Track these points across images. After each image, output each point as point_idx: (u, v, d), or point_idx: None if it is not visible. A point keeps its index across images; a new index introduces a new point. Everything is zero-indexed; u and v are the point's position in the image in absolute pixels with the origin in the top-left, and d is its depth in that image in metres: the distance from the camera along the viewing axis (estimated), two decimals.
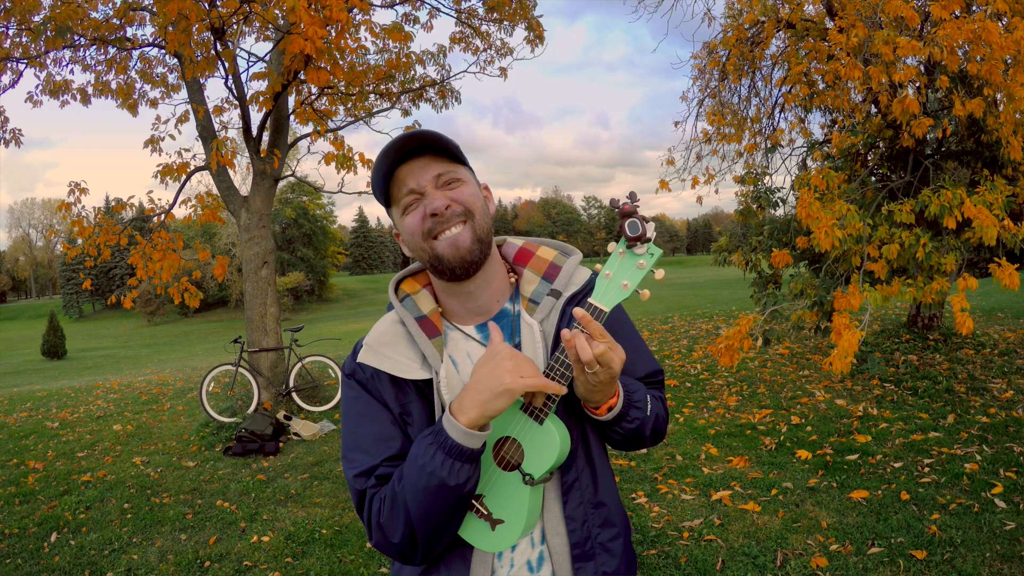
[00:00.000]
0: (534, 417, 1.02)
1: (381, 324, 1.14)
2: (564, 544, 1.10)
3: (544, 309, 1.12)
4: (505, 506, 1.05)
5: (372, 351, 1.10)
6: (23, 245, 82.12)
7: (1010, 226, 4.36)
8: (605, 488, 1.15)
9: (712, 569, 3.05)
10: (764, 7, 6.73)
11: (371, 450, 1.08)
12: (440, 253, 1.06)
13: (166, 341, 32.82)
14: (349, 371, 1.15)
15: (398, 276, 1.22)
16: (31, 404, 8.89)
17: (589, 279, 1.15)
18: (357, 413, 1.12)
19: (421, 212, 1.06)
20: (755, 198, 6.68)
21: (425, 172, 1.06)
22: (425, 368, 1.08)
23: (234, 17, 5.58)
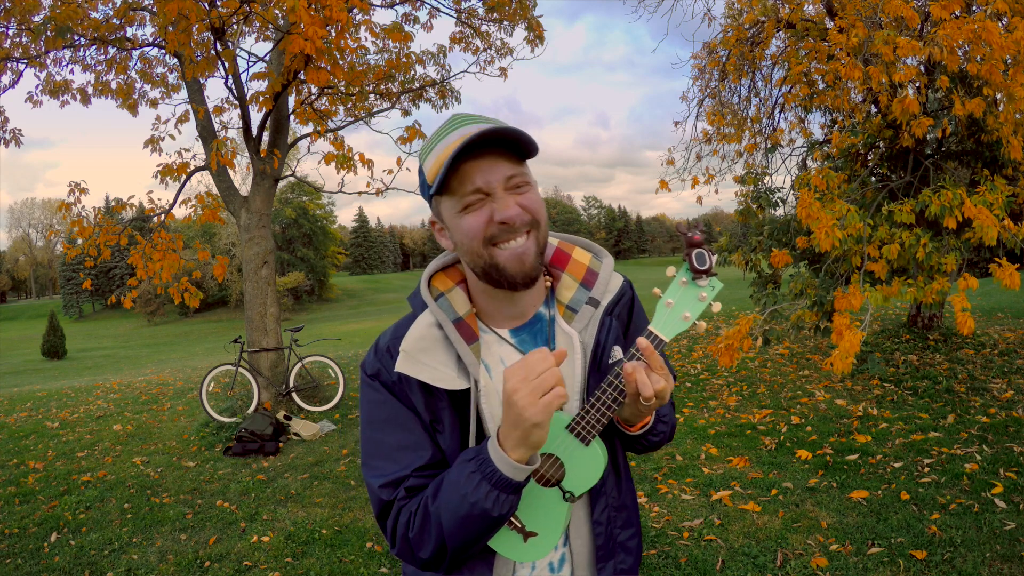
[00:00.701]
0: (580, 438, 1.01)
1: (417, 328, 1.06)
2: (587, 546, 1.11)
3: (583, 318, 1.09)
4: (541, 520, 1.04)
5: (410, 359, 1.03)
6: (23, 245, 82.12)
7: (1010, 226, 4.36)
8: (627, 490, 1.17)
9: (712, 569, 3.05)
10: (764, 7, 6.73)
11: (400, 459, 1.04)
12: (501, 264, 0.99)
13: (166, 341, 32.82)
14: (373, 372, 1.08)
15: (430, 271, 1.14)
16: (31, 404, 8.89)
17: (622, 286, 1.13)
18: (383, 419, 1.06)
19: (486, 216, 0.98)
20: (755, 198, 6.68)
21: (495, 171, 0.97)
22: (463, 377, 1.03)
23: (234, 17, 5.58)
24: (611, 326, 1.09)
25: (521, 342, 1.08)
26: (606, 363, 1.07)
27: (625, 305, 1.14)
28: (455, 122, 1.00)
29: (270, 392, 6.68)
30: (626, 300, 1.14)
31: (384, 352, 1.08)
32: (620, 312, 1.13)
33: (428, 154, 1.01)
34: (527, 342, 1.09)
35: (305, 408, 6.69)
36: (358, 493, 4.45)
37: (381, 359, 1.08)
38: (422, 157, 1.03)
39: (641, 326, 1.16)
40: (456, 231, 1.02)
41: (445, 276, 1.13)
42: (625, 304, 1.14)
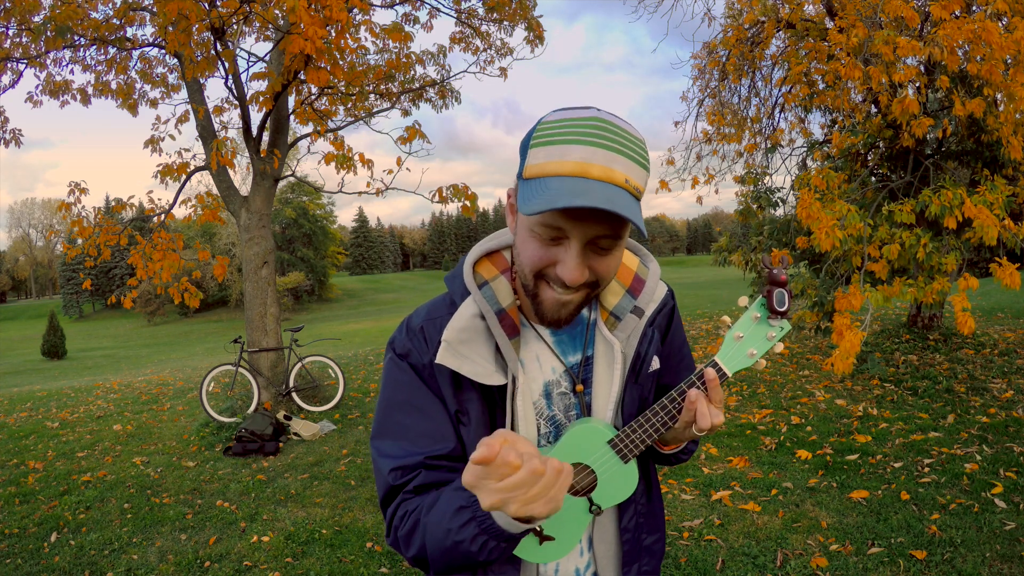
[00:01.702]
0: (620, 455, 0.99)
1: (461, 318, 0.98)
2: (612, 552, 1.11)
3: (627, 328, 1.04)
4: (561, 527, 1.03)
5: (452, 351, 0.97)
6: (23, 245, 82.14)
7: (1010, 226, 4.36)
8: (656, 497, 1.16)
9: (712, 569, 3.05)
10: (764, 7, 6.73)
11: (415, 445, 0.99)
12: (540, 298, 0.94)
13: (166, 341, 32.83)
14: (402, 351, 1.02)
15: (475, 255, 1.05)
16: (31, 404, 8.89)
17: (665, 296, 1.10)
18: (405, 401, 1.01)
19: (552, 257, 0.90)
20: (755, 198, 6.68)
21: (586, 229, 0.86)
22: (500, 372, 0.98)
23: (234, 17, 5.58)
24: (652, 337, 1.06)
25: (559, 343, 1.05)
26: (644, 374, 1.05)
27: (666, 315, 1.11)
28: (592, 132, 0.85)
29: (270, 392, 6.68)
30: (667, 310, 1.11)
31: (417, 333, 1.02)
32: (660, 322, 1.10)
33: (546, 144, 0.87)
34: (565, 343, 1.05)
35: (305, 408, 6.69)
36: (358, 493, 4.45)
37: (413, 340, 1.02)
38: (541, 137, 0.88)
39: (677, 337, 1.14)
40: (519, 237, 0.94)
41: (490, 263, 1.05)
42: (666, 314, 1.11)
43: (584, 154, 0.83)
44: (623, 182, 0.84)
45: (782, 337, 0.96)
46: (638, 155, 0.87)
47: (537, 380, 1.04)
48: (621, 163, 0.84)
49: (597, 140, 0.84)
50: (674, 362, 1.13)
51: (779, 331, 0.95)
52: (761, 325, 0.96)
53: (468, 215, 6.77)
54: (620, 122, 0.88)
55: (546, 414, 1.04)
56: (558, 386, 1.05)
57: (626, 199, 0.84)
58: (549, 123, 0.88)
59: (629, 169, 0.85)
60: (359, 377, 8.77)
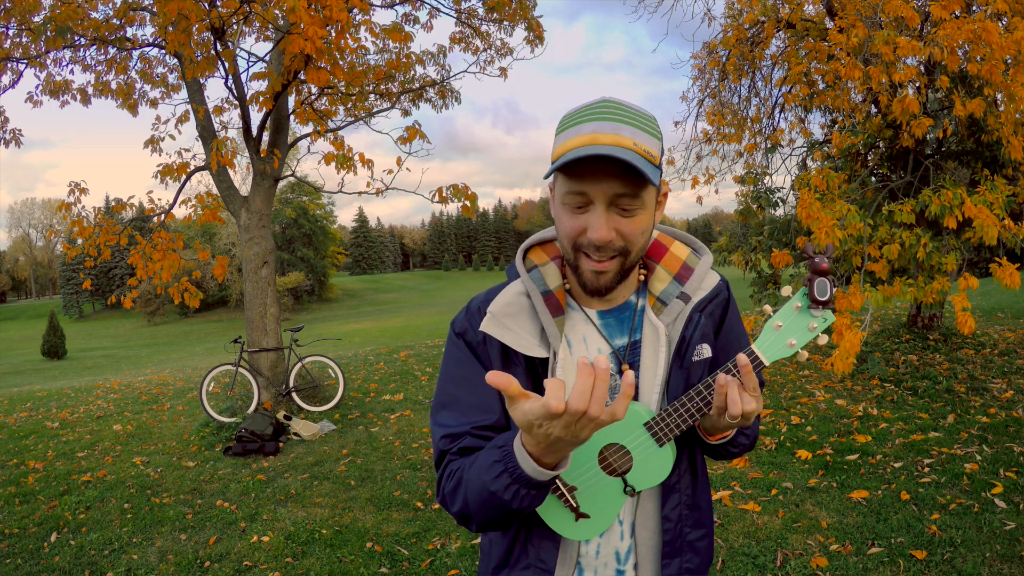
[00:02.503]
0: (655, 438, 1.01)
1: (507, 294, 1.09)
2: (654, 540, 1.12)
3: (672, 312, 1.08)
4: (597, 506, 1.05)
5: (496, 321, 1.06)
6: (23, 245, 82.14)
7: (1011, 226, 4.36)
8: (702, 490, 1.16)
9: (712, 569, 3.05)
10: (764, 7, 6.73)
11: (465, 415, 1.07)
12: (581, 268, 1.02)
13: (166, 341, 32.83)
14: (460, 330, 1.11)
15: (527, 244, 1.15)
16: (31, 404, 8.89)
17: (717, 285, 1.12)
18: (460, 375, 1.10)
19: (583, 224, 0.98)
20: (755, 198, 6.68)
21: (605, 184, 0.95)
22: (543, 346, 1.05)
23: (234, 17, 5.58)
24: (699, 323, 1.08)
25: (606, 325, 1.10)
26: (690, 359, 1.07)
27: (719, 304, 1.13)
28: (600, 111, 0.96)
29: (270, 392, 6.68)
30: (720, 299, 1.13)
31: (475, 312, 1.11)
32: (713, 310, 1.12)
33: (563, 130, 0.98)
34: (612, 326, 1.10)
35: (305, 408, 6.69)
36: (358, 493, 4.45)
37: (471, 319, 1.10)
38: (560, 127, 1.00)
39: (734, 329, 1.16)
40: (557, 218, 1.04)
41: (541, 250, 1.14)
42: (719, 303, 1.13)
43: (593, 128, 0.94)
44: (632, 145, 0.93)
45: (825, 328, 0.95)
46: (646, 125, 0.97)
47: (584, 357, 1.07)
48: (628, 131, 0.94)
49: (605, 115, 0.95)
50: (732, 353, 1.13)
51: (821, 322, 0.94)
52: (802, 315, 0.95)
53: (468, 215, 6.77)
54: (628, 102, 0.99)
55: None
56: None
57: (635, 157, 0.91)
58: (568, 114, 1.00)
59: (636, 135, 0.94)
60: (359, 377, 8.77)
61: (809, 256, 0.92)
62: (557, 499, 1.06)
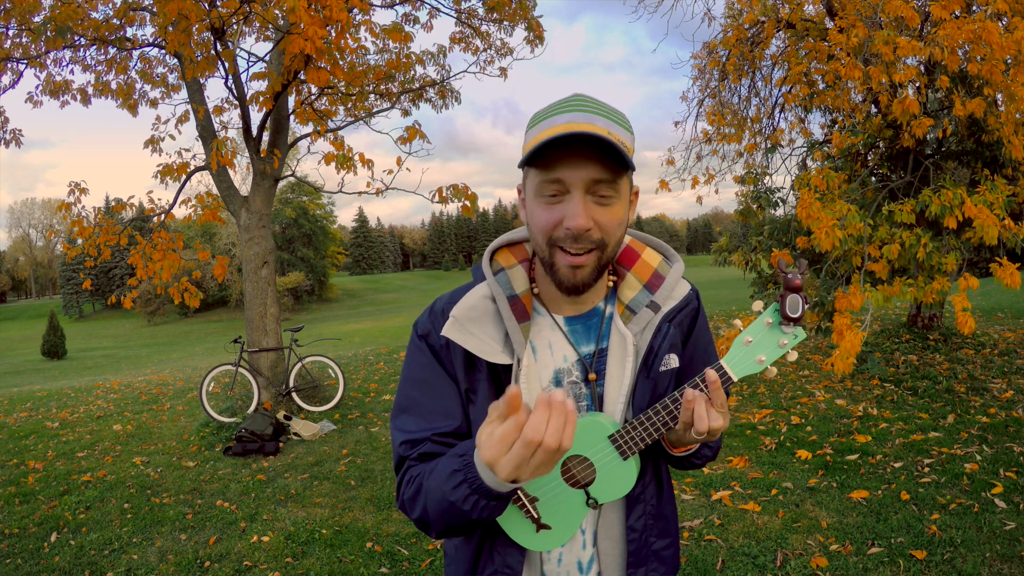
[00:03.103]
0: (619, 451, 1.00)
1: (471, 297, 1.06)
2: (618, 550, 1.11)
3: (641, 321, 1.06)
4: (558, 517, 1.04)
5: (458, 326, 1.03)
6: (23, 245, 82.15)
7: (1011, 226, 4.36)
8: (667, 500, 1.15)
9: (712, 569, 3.05)
10: (764, 7, 6.73)
11: (426, 419, 1.06)
12: (557, 266, 0.99)
13: (166, 341, 32.82)
14: (423, 332, 1.09)
15: (494, 245, 1.12)
16: (31, 404, 8.89)
17: (688, 295, 1.10)
18: (421, 379, 1.08)
19: (559, 215, 0.96)
20: (755, 198, 6.68)
21: (583, 170, 0.93)
22: (507, 352, 1.03)
23: (234, 17, 5.58)
24: (668, 333, 1.06)
25: (573, 332, 1.08)
26: (656, 369, 1.05)
27: (688, 314, 1.11)
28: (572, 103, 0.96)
29: (270, 392, 6.68)
30: (690, 309, 1.11)
31: (438, 315, 1.08)
32: (682, 320, 1.10)
33: (534, 125, 0.98)
34: (579, 333, 1.08)
35: (305, 408, 6.69)
36: (358, 493, 4.45)
37: (434, 321, 1.08)
38: (530, 124, 0.99)
39: (702, 339, 1.14)
40: (530, 213, 1.01)
41: (510, 252, 1.11)
42: (689, 313, 1.11)
43: (567, 118, 0.93)
44: (607, 134, 0.92)
45: (796, 345, 0.94)
46: (619, 119, 0.97)
47: (548, 366, 1.06)
48: (602, 121, 0.93)
49: (578, 107, 0.95)
50: (699, 364, 1.12)
51: (792, 339, 0.93)
52: (773, 331, 0.94)
53: (468, 215, 6.77)
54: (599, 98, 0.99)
55: None
56: (569, 375, 1.07)
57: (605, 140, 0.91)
58: (539, 111, 1.00)
59: (610, 126, 0.94)
60: (359, 377, 8.77)
61: (782, 272, 0.91)
62: (518, 509, 1.05)
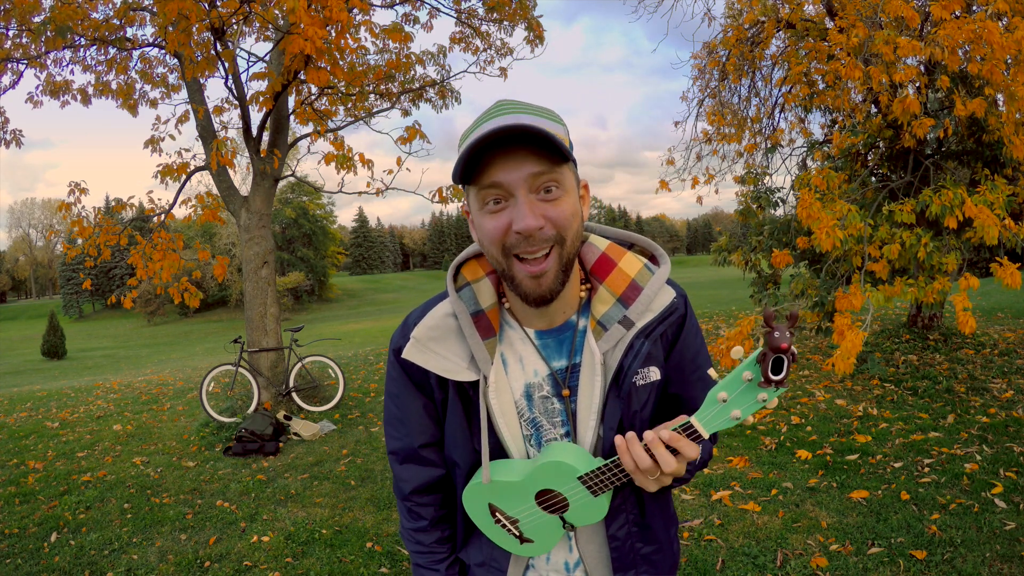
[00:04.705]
0: (591, 490, 1.00)
1: (432, 317, 1.04)
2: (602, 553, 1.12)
3: (611, 339, 1.01)
4: (538, 534, 1.08)
5: (419, 346, 1.02)
6: (23, 245, 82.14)
7: (1011, 225, 4.36)
8: (654, 511, 1.13)
9: (712, 569, 3.05)
10: (764, 7, 6.73)
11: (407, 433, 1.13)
12: (518, 279, 0.95)
13: (166, 341, 32.82)
14: (396, 346, 1.09)
15: (460, 258, 1.08)
16: (31, 404, 8.89)
17: (671, 303, 1.03)
18: (395, 394, 1.12)
19: (506, 221, 0.92)
20: (755, 198, 6.68)
21: (520, 168, 0.89)
22: (473, 368, 1.02)
23: (234, 17, 5.58)
24: (641, 350, 1.01)
25: (544, 346, 1.05)
26: (628, 386, 1.02)
27: (672, 324, 1.05)
28: (494, 110, 0.93)
29: (270, 392, 6.68)
30: (674, 319, 1.05)
31: (411, 328, 1.08)
32: (665, 331, 1.04)
33: (462, 141, 0.94)
34: (551, 347, 1.05)
35: (305, 408, 6.69)
36: (358, 493, 4.45)
37: (405, 336, 1.08)
38: (459, 142, 0.96)
39: (690, 347, 1.08)
40: (478, 229, 0.97)
41: (477, 264, 1.08)
42: (672, 323, 1.05)
43: (491, 125, 0.89)
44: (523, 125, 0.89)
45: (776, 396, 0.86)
46: (547, 114, 0.95)
47: (519, 380, 1.05)
48: (528, 118, 0.90)
49: (502, 112, 0.92)
50: (686, 373, 1.08)
51: (772, 393, 0.85)
52: (751, 389, 0.85)
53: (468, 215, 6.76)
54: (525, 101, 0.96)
55: (527, 416, 1.05)
56: (540, 389, 1.05)
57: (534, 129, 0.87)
58: (466, 128, 0.97)
59: (537, 121, 0.90)
60: (359, 377, 8.77)
61: (769, 328, 0.79)
62: (501, 528, 1.08)
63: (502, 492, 1.04)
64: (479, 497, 1.08)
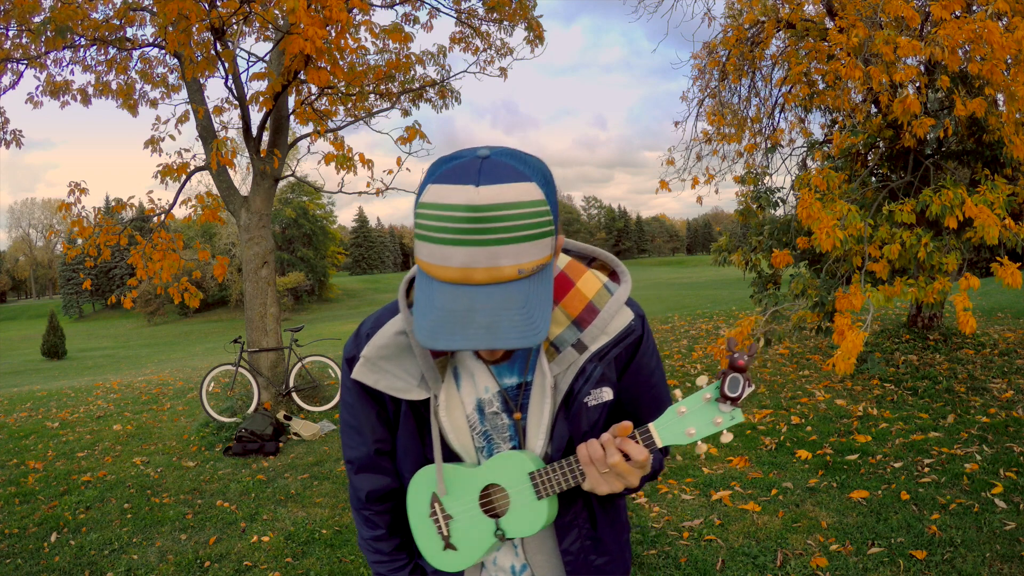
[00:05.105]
0: (536, 490, 1.00)
1: (383, 335, 1.03)
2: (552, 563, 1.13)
3: (564, 362, 1.01)
4: (466, 540, 1.06)
5: (369, 365, 1.02)
6: (23, 245, 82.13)
7: (1011, 225, 4.37)
8: (605, 525, 1.15)
9: (712, 569, 3.05)
10: (764, 7, 6.74)
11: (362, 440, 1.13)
12: None
13: (166, 341, 32.82)
14: (349, 355, 1.09)
15: (412, 274, 1.04)
16: (31, 404, 8.89)
17: (628, 326, 1.02)
18: (348, 403, 1.13)
19: None
20: (755, 198, 6.67)
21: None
22: (423, 387, 1.02)
23: (234, 17, 5.58)
24: (593, 373, 1.01)
25: (495, 363, 1.05)
26: (578, 407, 1.02)
27: (628, 346, 1.05)
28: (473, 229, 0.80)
29: (270, 392, 6.68)
30: (630, 341, 1.04)
31: (363, 338, 1.08)
32: (619, 354, 1.04)
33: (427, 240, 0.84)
34: (502, 365, 1.05)
35: (305, 408, 6.69)
36: None
37: (359, 345, 1.08)
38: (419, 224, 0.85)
39: (645, 367, 1.08)
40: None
41: None
42: (628, 345, 1.04)
43: (465, 258, 0.80)
44: (515, 274, 0.82)
45: (731, 427, 0.92)
46: (529, 227, 0.81)
47: (470, 395, 1.05)
48: (508, 254, 0.80)
49: (476, 237, 0.79)
50: (640, 393, 1.09)
51: (728, 420, 0.91)
52: (709, 407, 0.92)
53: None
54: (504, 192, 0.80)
55: (479, 429, 1.07)
56: (490, 405, 1.05)
57: (517, 296, 0.81)
58: (427, 209, 0.83)
59: (520, 255, 0.81)
60: None
61: (730, 351, 0.89)
62: (433, 524, 1.08)
63: (451, 479, 1.06)
64: (427, 484, 1.08)
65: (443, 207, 0.81)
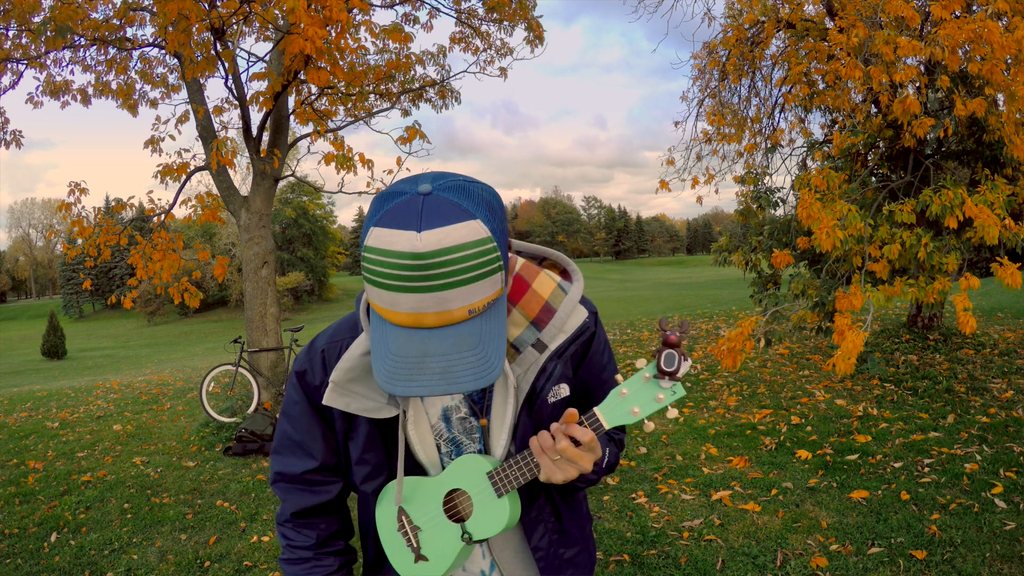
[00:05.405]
0: (495, 488, 1.02)
1: (349, 358, 1.00)
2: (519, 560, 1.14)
3: (525, 362, 1.02)
4: (435, 550, 1.07)
5: (339, 390, 1.00)
6: (23, 245, 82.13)
7: (1011, 225, 4.37)
8: (571, 518, 1.17)
9: (712, 569, 3.05)
10: (764, 7, 6.74)
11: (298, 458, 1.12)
12: None
13: (166, 341, 32.82)
14: (299, 369, 1.08)
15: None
16: (31, 404, 8.89)
17: (583, 324, 1.04)
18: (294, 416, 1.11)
19: None
20: (755, 198, 6.68)
21: None
22: (393, 404, 1.02)
23: (234, 17, 5.58)
24: (553, 371, 1.03)
25: None
26: (540, 405, 1.04)
27: (582, 344, 1.07)
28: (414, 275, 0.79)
29: (270, 392, 6.68)
30: (584, 338, 1.06)
31: (317, 354, 1.07)
32: (575, 351, 1.07)
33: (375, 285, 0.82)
34: None
35: None
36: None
37: (312, 360, 1.07)
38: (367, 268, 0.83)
39: (597, 362, 1.11)
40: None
41: None
42: (582, 342, 1.07)
43: (414, 304, 0.80)
44: (466, 315, 0.82)
45: (675, 402, 0.95)
46: (476, 267, 0.80)
47: (435, 405, 1.07)
48: (457, 297, 0.80)
49: (423, 284, 0.79)
50: (593, 386, 1.12)
51: (670, 394, 0.94)
52: (650, 386, 0.95)
53: None
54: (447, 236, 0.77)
55: (446, 436, 1.08)
56: (457, 411, 1.07)
57: (470, 338, 0.83)
58: (372, 254, 0.81)
59: (470, 296, 0.81)
60: None
61: (662, 329, 0.93)
62: (402, 537, 1.08)
63: (415, 491, 1.07)
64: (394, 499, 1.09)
65: (387, 253, 0.79)
